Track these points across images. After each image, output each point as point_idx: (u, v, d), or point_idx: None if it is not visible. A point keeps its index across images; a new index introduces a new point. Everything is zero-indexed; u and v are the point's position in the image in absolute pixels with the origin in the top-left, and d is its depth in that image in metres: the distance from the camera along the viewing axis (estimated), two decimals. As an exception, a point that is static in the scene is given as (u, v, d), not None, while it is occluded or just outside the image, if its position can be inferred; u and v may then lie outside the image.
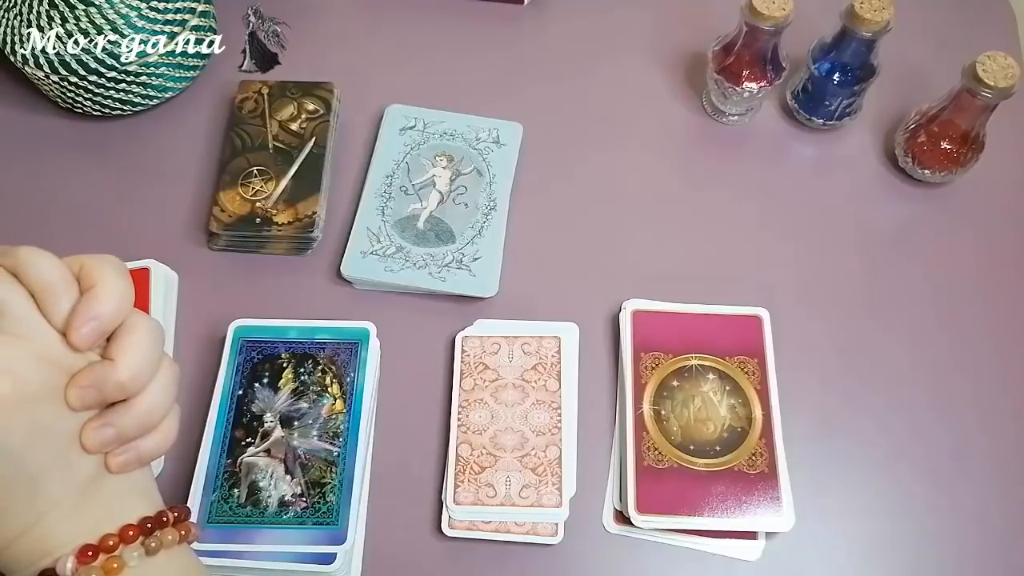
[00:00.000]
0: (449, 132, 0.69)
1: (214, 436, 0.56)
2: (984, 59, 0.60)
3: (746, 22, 0.64)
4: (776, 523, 0.55)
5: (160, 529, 0.39)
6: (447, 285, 0.62)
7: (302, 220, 0.64)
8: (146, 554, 0.38)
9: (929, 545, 0.56)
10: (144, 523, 0.39)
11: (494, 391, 0.59)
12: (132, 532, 0.38)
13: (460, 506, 0.55)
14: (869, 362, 0.62)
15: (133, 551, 0.38)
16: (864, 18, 0.62)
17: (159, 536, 0.39)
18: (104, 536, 0.37)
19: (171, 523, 0.40)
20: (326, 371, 0.58)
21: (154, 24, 0.66)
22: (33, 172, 0.69)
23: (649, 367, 0.60)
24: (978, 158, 0.66)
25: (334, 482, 0.55)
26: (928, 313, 0.64)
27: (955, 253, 0.67)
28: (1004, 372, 0.62)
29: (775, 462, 0.56)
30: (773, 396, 0.59)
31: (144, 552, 0.38)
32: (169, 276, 0.64)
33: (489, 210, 0.66)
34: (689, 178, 0.70)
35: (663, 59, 0.76)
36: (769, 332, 0.61)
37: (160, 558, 0.39)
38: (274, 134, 0.68)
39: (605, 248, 0.67)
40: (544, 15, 0.78)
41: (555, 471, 0.56)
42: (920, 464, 0.59)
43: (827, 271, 0.66)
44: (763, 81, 0.67)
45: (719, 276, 0.65)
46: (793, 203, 0.69)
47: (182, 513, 0.41)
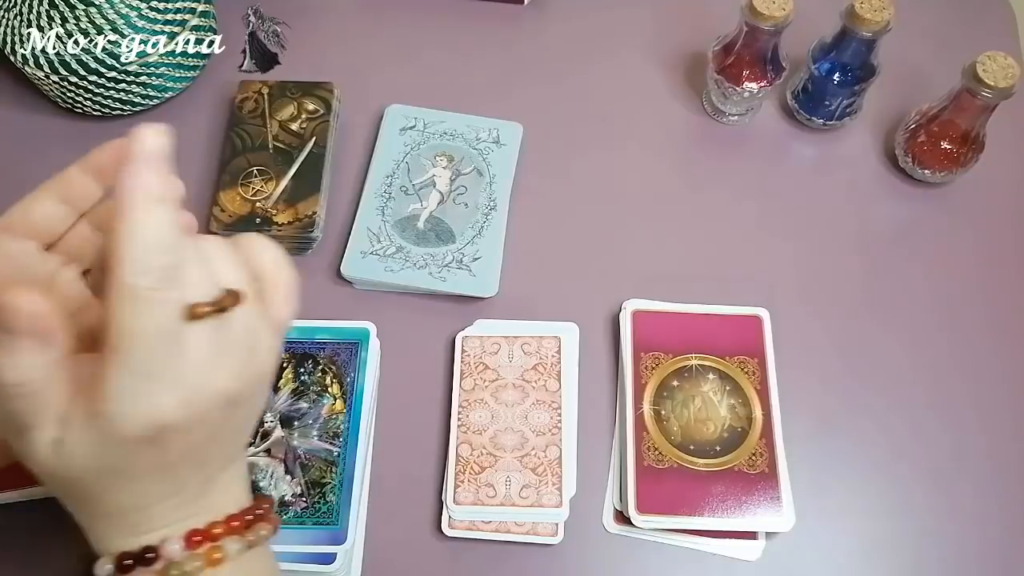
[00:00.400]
0: (449, 132, 0.69)
1: (214, 436, 0.56)
2: (984, 59, 0.60)
3: (746, 22, 0.64)
4: (776, 523, 0.55)
5: (259, 522, 0.39)
6: (447, 285, 0.62)
7: (302, 220, 0.64)
8: (247, 548, 0.37)
9: (929, 545, 0.56)
10: (245, 515, 0.38)
11: (494, 391, 0.59)
12: (236, 524, 0.37)
13: (460, 506, 0.55)
14: (869, 362, 0.62)
15: (235, 543, 0.37)
16: (864, 18, 0.62)
17: (256, 530, 0.38)
18: (211, 523, 0.37)
19: (265, 516, 0.39)
20: (326, 371, 0.58)
21: (154, 24, 0.66)
22: (33, 172, 0.69)
23: (649, 367, 0.60)
24: (978, 158, 0.66)
25: (334, 482, 0.55)
26: (928, 313, 0.64)
27: (955, 253, 0.67)
28: (1004, 372, 0.62)
29: (775, 462, 0.56)
30: (773, 396, 0.59)
31: (246, 545, 0.37)
32: (169, 276, 0.63)
33: (489, 210, 0.66)
34: (689, 178, 0.70)
35: (663, 59, 0.76)
36: (769, 332, 0.61)
37: (254, 552, 0.38)
38: (274, 134, 0.68)
39: (605, 248, 0.67)
40: (544, 15, 0.78)
41: (555, 471, 0.56)
42: (920, 464, 0.59)
43: (827, 271, 0.66)
44: (763, 81, 0.67)
45: (719, 276, 0.65)
46: (793, 203, 0.69)
47: (271, 505, 0.40)
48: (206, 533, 0.36)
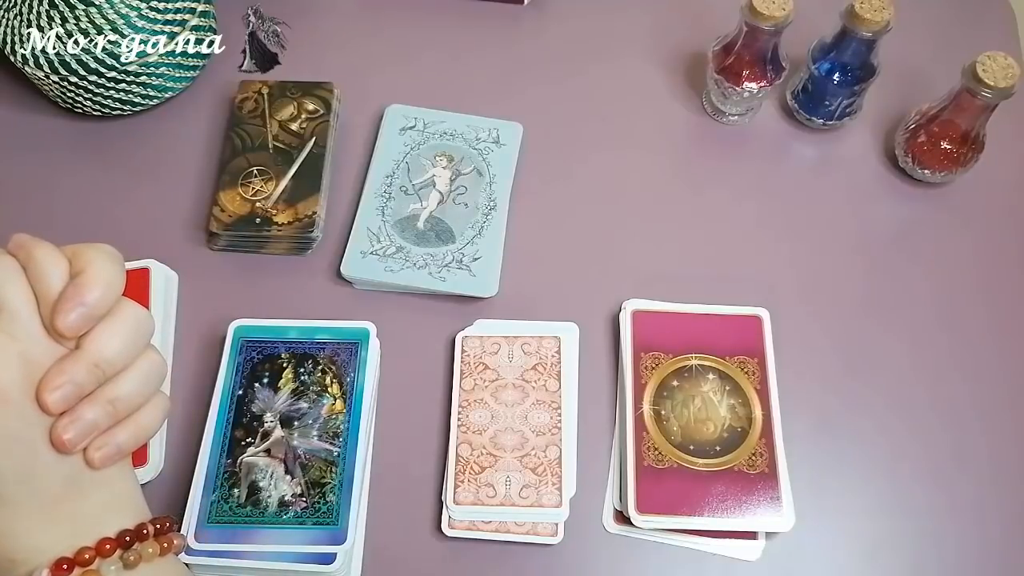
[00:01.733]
0: (449, 132, 0.69)
1: (214, 436, 0.56)
2: (984, 59, 0.60)
3: (746, 22, 0.64)
4: (776, 523, 0.55)
5: (140, 542, 0.38)
6: (447, 285, 0.62)
7: (302, 220, 0.64)
8: (124, 568, 0.37)
9: (929, 545, 0.56)
10: (123, 536, 0.38)
11: (494, 391, 0.59)
12: (109, 545, 0.37)
13: (460, 506, 0.55)
14: (869, 362, 0.62)
15: (111, 564, 0.37)
16: (864, 18, 0.62)
17: (138, 549, 0.38)
18: (80, 549, 0.36)
19: (152, 535, 0.39)
20: (326, 371, 0.58)
21: (154, 24, 0.66)
22: (33, 172, 0.69)
23: (649, 367, 0.60)
24: (978, 158, 0.66)
25: (334, 482, 0.55)
26: (928, 313, 0.64)
27: (955, 253, 0.67)
28: (1004, 372, 0.62)
29: (775, 462, 0.56)
30: (773, 396, 0.59)
31: (123, 566, 0.37)
32: (169, 276, 0.64)
33: (489, 210, 0.66)
34: (689, 178, 0.70)
35: (663, 59, 0.76)
36: (769, 332, 0.61)
37: (140, 571, 0.38)
38: (274, 134, 0.68)
39: (605, 248, 0.67)
40: (544, 15, 0.78)
41: (555, 471, 0.56)
42: (920, 464, 0.59)
43: (827, 271, 0.66)
44: (763, 81, 0.67)
45: (719, 276, 0.65)
46: (793, 203, 0.69)
47: (165, 524, 0.40)
48: (75, 559, 0.36)
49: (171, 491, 0.57)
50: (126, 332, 0.38)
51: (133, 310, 0.39)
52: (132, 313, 0.39)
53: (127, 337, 0.38)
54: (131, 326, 0.38)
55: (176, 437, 0.58)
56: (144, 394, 0.40)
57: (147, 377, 0.39)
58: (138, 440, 0.40)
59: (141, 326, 0.39)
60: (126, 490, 0.40)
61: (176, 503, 0.56)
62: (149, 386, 0.40)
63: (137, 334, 0.39)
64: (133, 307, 0.39)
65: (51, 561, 0.36)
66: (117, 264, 0.39)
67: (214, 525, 0.53)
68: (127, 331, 0.38)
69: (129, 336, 0.38)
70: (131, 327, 0.38)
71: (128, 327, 0.38)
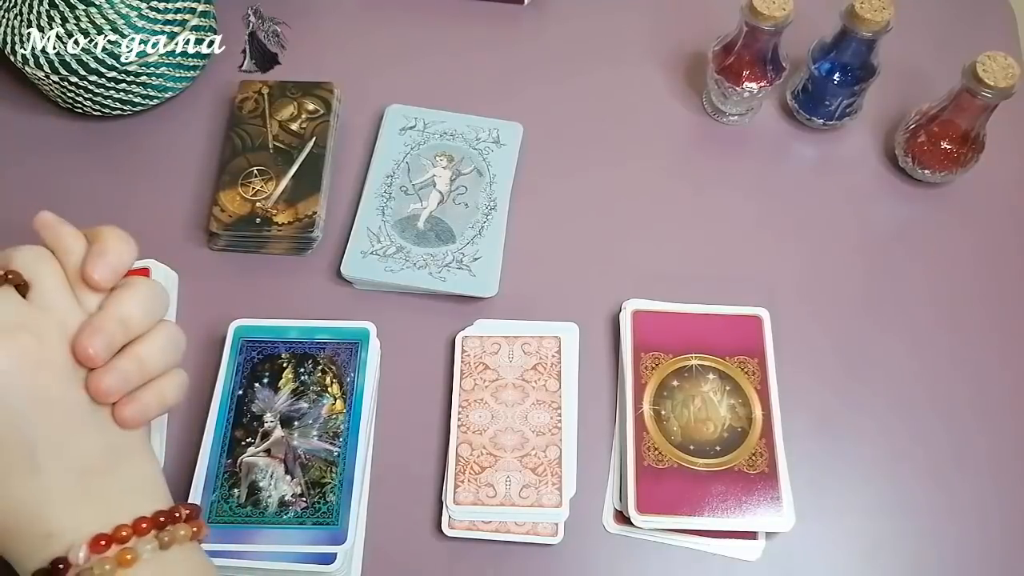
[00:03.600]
0: (449, 132, 0.69)
1: (214, 436, 0.56)
2: (984, 59, 0.60)
3: (746, 22, 0.64)
4: (776, 523, 0.55)
5: (173, 524, 0.39)
6: (447, 285, 0.62)
7: (302, 220, 0.64)
8: (159, 548, 0.38)
9: (929, 545, 0.56)
10: (157, 516, 0.39)
11: (494, 391, 0.59)
12: (145, 525, 0.38)
13: (460, 506, 0.55)
14: (869, 362, 0.62)
15: (147, 544, 0.38)
16: (864, 18, 0.62)
17: (172, 531, 0.39)
18: (118, 527, 0.37)
19: (183, 519, 0.40)
20: (326, 371, 0.58)
21: (154, 24, 0.66)
22: (33, 172, 0.69)
23: (649, 367, 0.60)
24: (978, 158, 0.66)
25: (334, 482, 0.55)
26: (928, 313, 0.64)
27: (955, 253, 0.67)
28: (1004, 372, 0.62)
29: (775, 462, 0.56)
30: (773, 396, 0.59)
31: (158, 546, 0.38)
32: (169, 276, 0.64)
33: (489, 210, 0.66)
34: (689, 178, 0.70)
35: (663, 59, 0.76)
36: (769, 332, 0.61)
37: (173, 553, 0.39)
38: (274, 134, 0.68)
39: (605, 248, 0.67)
40: (544, 15, 0.78)
41: (555, 471, 0.56)
42: (920, 464, 0.59)
43: (827, 271, 0.66)
44: (763, 81, 0.67)
45: (719, 276, 0.65)
46: (793, 203, 0.69)
47: (193, 511, 0.41)
48: (112, 536, 0.37)
49: (171, 491, 0.56)
50: (143, 297, 0.42)
51: (147, 281, 0.43)
52: (146, 283, 0.43)
53: (145, 301, 0.42)
54: (147, 293, 0.42)
55: (176, 437, 0.58)
56: (166, 360, 0.43)
57: (168, 342, 0.43)
58: (161, 406, 0.43)
59: (157, 294, 0.43)
60: (152, 473, 0.42)
61: (182, 502, 0.56)
62: (170, 352, 0.43)
63: (154, 301, 0.43)
64: (147, 280, 0.44)
65: (89, 536, 0.37)
66: (126, 237, 0.43)
67: (214, 525, 0.53)
68: (144, 296, 0.42)
69: (147, 301, 0.42)
70: (147, 294, 0.42)
71: (144, 293, 0.42)
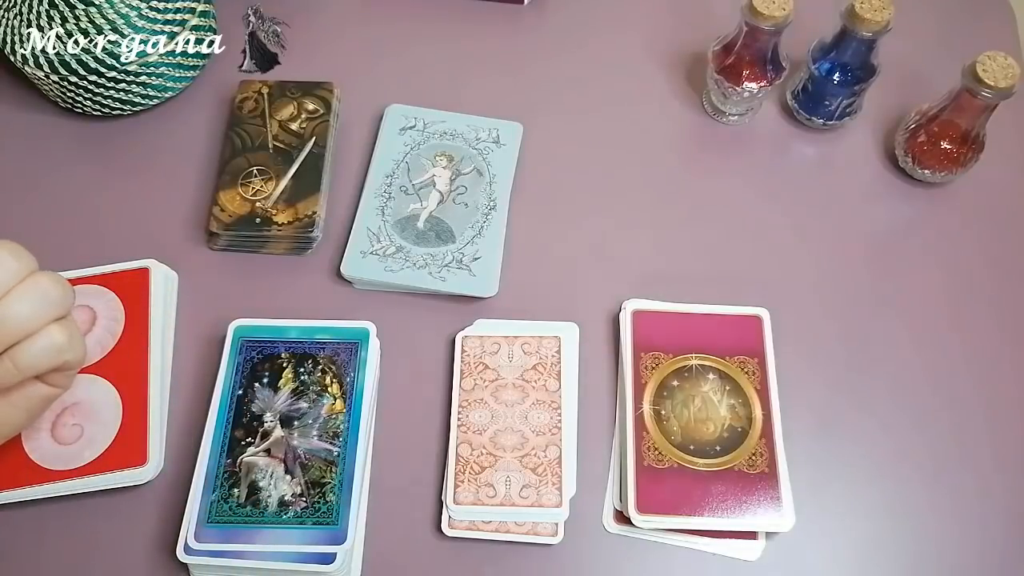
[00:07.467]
0: (449, 132, 0.69)
1: (214, 436, 0.56)
2: (984, 59, 0.60)
3: (746, 22, 0.64)
4: (776, 523, 0.55)
5: None
6: (447, 285, 0.62)
7: (302, 220, 0.64)
8: None
9: (929, 545, 0.56)
10: None
11: (494, 391, 0.59)
12: None
13: (460, 506, 0.55)
14: (869, 361, 0.62)
15: None
16: (864, 18, 0.62)
17: None
18: None
19: None
20: (326, 371, 0.58)
21: (154, 24, 0.66)
22: (33, 172, 0.69)
23: (649, 367, 0.60)
24: (978, 158, 0.66)
25: (334, 482, 0.55)
26: (928, 313, 0.64)
27: (955, 253, 0.67)
28: (1005, 372, 0.62)
29: (775, 462, 0.56)
30: (773, 396, 0.59)
31: None
32: (169, 276, 0.64)
33: (489, 210, 0.66)
34: (689, 178, 0.70)
35: (663, 59, 0.76)
36: (769, 332, 0.61)
37: None
38: (274, 134, 0.68)
39: (605, 248, 0.67)
40: (544, 15, 0.78)
41: (555, 471, 0.56)
42: (921, 464, 0.59)
43: (827, 271, 0.66)
44: (763, 81, 0.67)
45: (719, 276, 0.65)
46: (793, 203, 0.69)
47: None
48: None
49: (171, 491, 0.57)
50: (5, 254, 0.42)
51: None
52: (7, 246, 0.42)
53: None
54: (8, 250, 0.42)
55: (176, 437, 0.58)
56: (30, 313, 0.42)
57: (32, 295, 0.42)
58: (38, 357, 0.43)
59: (15, 251, 0.42)
60: None
61: (176, 503, 0.56)
62: (39, 307, 0.42)
63: (14, 256, 0.42)
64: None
65: None
66: (14, 248, 0.43)
67: (214, 525, 0.53)
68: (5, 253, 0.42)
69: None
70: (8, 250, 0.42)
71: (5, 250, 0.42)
